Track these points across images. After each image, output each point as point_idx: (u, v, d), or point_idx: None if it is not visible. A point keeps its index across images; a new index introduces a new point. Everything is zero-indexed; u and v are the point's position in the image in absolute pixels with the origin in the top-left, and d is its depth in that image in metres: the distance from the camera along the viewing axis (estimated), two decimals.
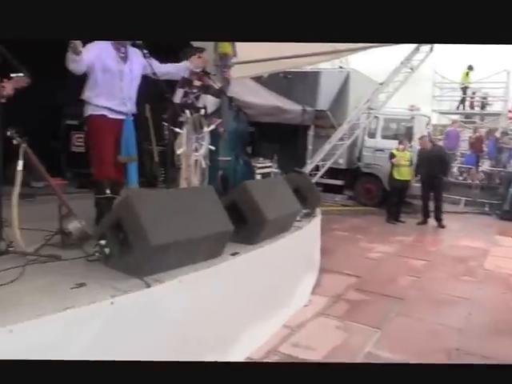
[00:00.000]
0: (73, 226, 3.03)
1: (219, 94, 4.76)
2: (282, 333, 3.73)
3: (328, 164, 9.23)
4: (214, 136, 4.43)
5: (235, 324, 3.19)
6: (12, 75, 2.82)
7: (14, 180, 2.80)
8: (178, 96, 3.78)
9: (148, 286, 2.45)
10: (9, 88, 2.88)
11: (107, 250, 2.67)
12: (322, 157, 9.12)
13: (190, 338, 2.74)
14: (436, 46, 7.18)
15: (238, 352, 3.10)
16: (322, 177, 10.17)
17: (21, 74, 2.81)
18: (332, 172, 10.90)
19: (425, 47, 7.25)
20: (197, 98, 4.01)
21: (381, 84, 8.30)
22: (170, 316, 2.56)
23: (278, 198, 3.74)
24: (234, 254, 3.18)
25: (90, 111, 3.54)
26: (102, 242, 2.69)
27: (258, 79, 10.30)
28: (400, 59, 7.92)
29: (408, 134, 9.96)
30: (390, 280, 5.36)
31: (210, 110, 4.54)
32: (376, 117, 10.55)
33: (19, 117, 2.96)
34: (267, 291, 3.62)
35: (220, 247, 3.04)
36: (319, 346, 3.54)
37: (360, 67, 11.03)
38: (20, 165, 2.84)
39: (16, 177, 2.82)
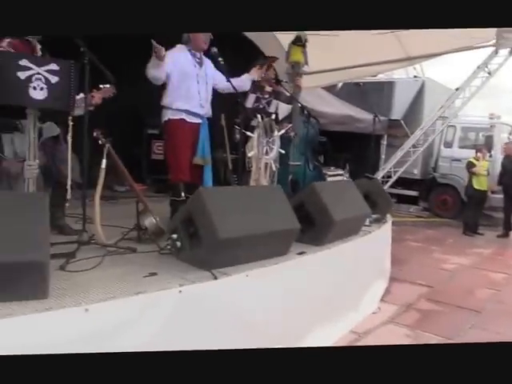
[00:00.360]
0: (148, 221, 3.18)
1: (290, 100, 4.82)
2: (348, 338, 3.66)
3: (400, 171, 8.96)
4: (285, 140, 4.48)
5: (302, 323, 3.17)
6: (100, 86, 3.05)
7: (97, 177, 3.01)
8: (250, 101, 3.86)
9: (215, 278, 2.51)
10: (97, 97, 3.12)
11: (178, 244, 2.77)
12: (394, 163, 8.86)
13: (256, 333, 2.76)
14: None
15: None
16: (395, 187, 9.90)
17: (107, 86, 3.04)
18: (406, 182, 10.59)
19: (503, 51, 6.86)
20: (268, 103, 4.08)
21: (457, 89, 7.95)
22: (235, 309, 2.60)
23: (347, 200, 3.69)
24: (300, 254, 3.17)
25: (169, 115, 3.66)
26: (174, 235, 2.80)
27: (330, 89, 10.28)
28: (477, 64, 7.55)
29: (488, 144, 9.44)
30: (465, 292, 5.09)
31: (281, 117, 4.60)
32: (453, 126, 10.13)
33: (106, 126, 3.17)
34: (334, 294, 3.57)
35: (286, 245, 3.05)
36: None
37: (436, 76, 10.65)
38: (103, 163, 3.04)
39: (99, 174, 3.02)
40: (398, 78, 10.85)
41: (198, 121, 3.71)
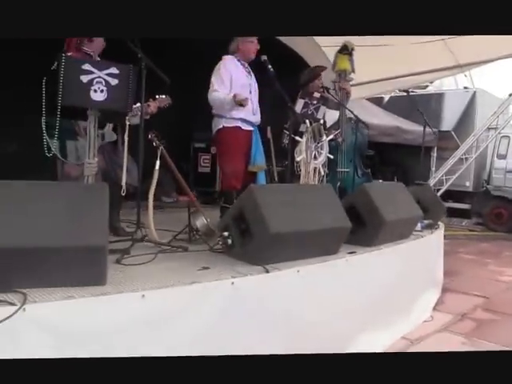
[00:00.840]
0: (200, 222, 3.23)
1: (338, 106, 4.81)
2: (399, 344, 3.53)
3: (453, 178, 8.70)
4: (333, 147, 4.46)
5: (352, 325, 3.10)
6: (157, 96, 3.18)
7: (152, 177, 3.10)
8: (299, 106, 3.87)
9: (267, 271, 2.51)
10: (153, 106, 3.25)
11: (230, 241, 2.79)
12: (445, 172, 8.61)
13: (307, 330, 2.72)
14: None
15: None
16: (446, 200, 9.59)
17: (163, 96, 3.16)
18: (457, 195, 10.26)
19: None
20: (316, 109, 4.07)
21: (510, 95, 7.67)
22: (286, 304, 2.58)
23: (398, 202, 3.61)
24: (351, 253, 3.12)
25: (223, 123, 3.72)
26: (225, 233, 2.82)
27: (376, 102, 10.19)
28: None
29: None
30: None
31: (329, 124, 4.59)
32: (506, 136, 9.76)
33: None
34: (385, 297, 3.47)
35: (337, 244, 3.01)
36: None
37: (488, 87, 10.32)
38: (157, 165, 3.13)
39: (153, 174, 3.10)
40: (448, 90, 10.62)
41: (251, 128, 3.80)
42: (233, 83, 3.63)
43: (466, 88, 10.45)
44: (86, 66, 2.46)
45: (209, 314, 2.22)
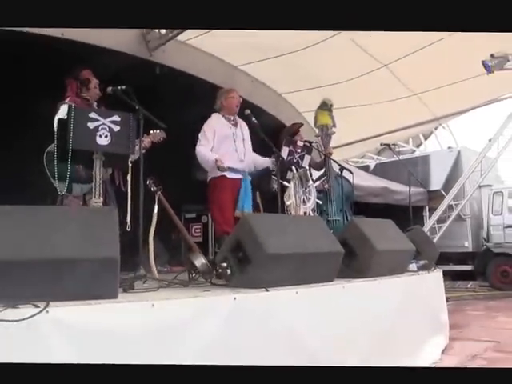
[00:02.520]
0: (199, 262, 3.54)
1: (320, 166, 5.36)
2: None
3: (445, 226, 9.12)
4: (322, 198, 4.92)
5: (352, 354, 3.32)
6: (151, 131, 3.68)
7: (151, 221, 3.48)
8: (284, 154, 4.36)
9: (267, 290, 2.82)
10: (147, 142, 3.73)
11: (228, 271, 3.11)
12: (436, 218, 9.06)
13: (307, 352, 2.96)
14: None
15: None
16: (447, 264, 9.91)
17: (157, 131, 3.66)
18: (458, 257, 10.61)
19: None
20: (301, 157, 4.56)
21: (490, 140, 8.38)
22: (286, 322, 2.85)
23: (388, 235, 3.98)
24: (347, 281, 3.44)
25: (211, 175, 4.28)
26: (224, 264, 3.15)
27: (364, 170, 10.88)
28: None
29: None
30: None
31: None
32: (499, 192, 10.39)
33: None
34: (388, 332, 3.69)
35: (332, 270, 3.34)
36: None
37: (473, 145, 11.12)
38: (155, 209, 3.52)
39: (152, 218, 3.49)
40: (433, 152, 11.40)
41: (239, 176, 4.27)
42: (216, 135, 4.25)
43: (450, 148, 11.24)
44: (92, 115, 2.96)
45: (213, 325, 2.50)
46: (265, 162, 4.46)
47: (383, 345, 3.58)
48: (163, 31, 5.74)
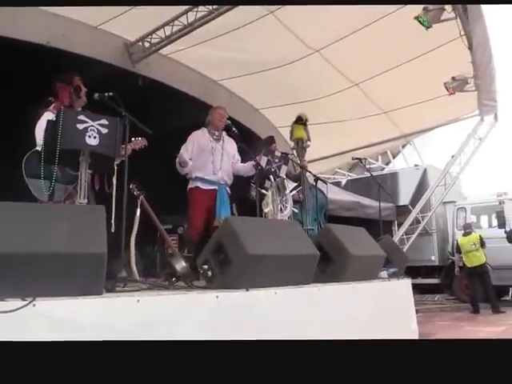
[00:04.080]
0: (179, 265, 3.56)
1: (296, 178, 5.48)
2: None
3: (412, 238, 9.38)
4: (298, 208, 5.01)
5: None
6: (132, 139, 3.70)
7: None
8: (263, 163, 4.45)
9: (247, 289, 2.87)
10: (128, 149, 3.73)
11: (209, 273, 3.15)
12: (404, 230, 9.35)
13: None
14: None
15: None
16: (416, 277, 10.09)
17: (139, 138, 3.69)
18: (425, 271, 10.83)
19: (488, 117, 7.75)
20: (279, 167, 4.66)
21: (452, 157, 8.72)
22: (265, 323, 2.90)
23: (361, 241, 4.09)
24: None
25: (188, 186, 4.46)
26: (205, 266, 3.18)
27: (336, 185, 11.06)
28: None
29: (500, 219, 9.91)
30: None
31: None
32: (462, 208, 10.71)
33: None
34: (361, 335, 3.76)
35: (308, 273, 3.41)
36: None
37: (437, 163, 11.44)
38: (138, 212, 3.56)
39: (134, 221, 3.51)
40: (401, 169, 11.69)
41: (213, 187, 4.39)
42: (195, 147, 4.46)
43: (416, 165, 11.55)
44: (81, 117, 3.00)
45: (196, 322, 2.54)
46: (247, 166, 4.56)
47: None
48: (147, 44, 5.84)
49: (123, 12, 5.18)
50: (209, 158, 4.42)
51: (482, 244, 8.81)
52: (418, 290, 9.63)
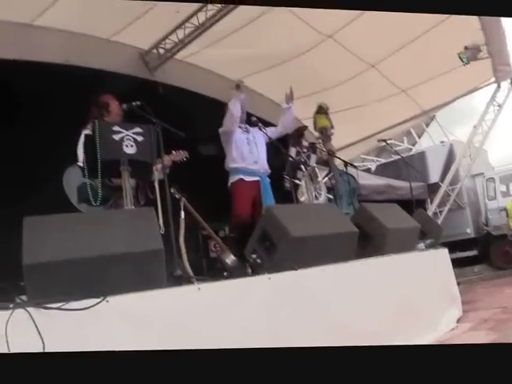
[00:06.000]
0: (229, 259, 3.71)
1: (326, 163, 5.57)
2: None
3: (445, 210, 9.34)
4: (330, 192, 5.13)
5: (380, 327, 3.47)
6: (173, 152, 3.84)
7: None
8: (292, 154, 4.58)
9: (295, 269, 3.00)
10: (167, 160, 3.89)
11: (259, 260, 3.28)
12: (436, 203, 9.34)
13: (338, 328, 3.11)
14: None
15: None
16: (453, 251, 10.08)
17: (180, 151, 3.83)
18: (462, 244, 10.79)
19: (505, 83, 7.70)
20: (308, 157, 4.78)
21: (474, 127, 8.69)
22: (316, 297, 3.03)
23: (395, 215, 4.19)
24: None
25: (230, 181, 4.52)
26: (253, 255, 3.32)
27: (367, 172, 11.15)
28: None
29: None
30: None
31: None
32: (491, 178, 10.67)
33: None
34: (408, 304, 3.86)
35: (350, 250, 3.52)
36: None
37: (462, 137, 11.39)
38: (182, 214, 3.72)
39: (180, 223, 3.68)
40: (427, 147, 11.72)
41: (255, 178, 4.46)
42: (232, 138, 4.51)
43: (442, 142, 11.52)
44: (116, 128, 3.14)
45: (253, 302, 2.69)
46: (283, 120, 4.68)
47: (405, 314, 3.75)
48: (161, 50, 5.89)
49: (134, 20, 5.22)
50: (247, 149, 4.50)
51: None
52: (456, 263, 9.61)
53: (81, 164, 3.42)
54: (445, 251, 5.16)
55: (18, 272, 2.14)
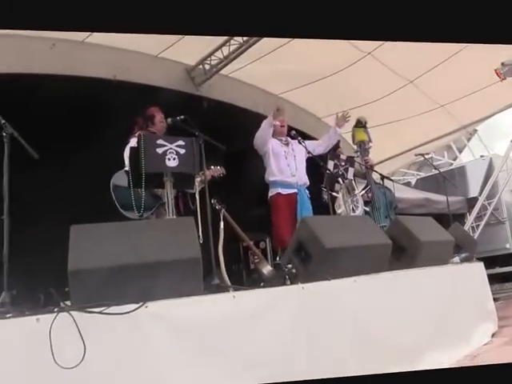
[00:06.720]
0: (266, 269, 3.72)
1: (364, 175, 5.50)
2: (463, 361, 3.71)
3: (482, 223, 8.98)
4: (367, 205, 5.05)
5: (414, 339, 3.37)
6: (212, 167, 3.90)
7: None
8: (330, 167, 4.55)
9: (328, 279, 2.96)
10: (207, 174, 3.95)
11: (294, 270, 3.26)
12: (474, 216, 8.99)
13: (371, 336, 3.05)
14: None
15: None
16: (492, 267, 9.71)
17: (218, 167, 3.89)
18: (502, 259, 10.36)
19: None
20: (346, 170, 4.74)
21: (511, 141, 8.38)
22: (348, 307, 2.98)
23: (430, 229, 4.09)
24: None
25: (269, 194, 4.54)
26: (289, 265, 3.30)
27: (407, 186, 10.96)
28: None
29: None
30: None
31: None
32: None
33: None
34: (442, 316, 3.74)
35: (383, 261, 3.45)
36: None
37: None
38: (221, 225, 3.76)
39: (219, 233, 3.71)
40: (467, 162, 11.39)
41: (293, 191, 4.45)
42: (270, 152, 4.54)
43: (482, 156, 11.17)
44: (160, 141, 3.23)
45: (286, 311, 2.67)
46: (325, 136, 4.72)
47: (438, 327, 3.64)
48: (207, 66, 5.97)
49: (179, 39, 5.30)
50: (284, 162, 4.52)
51: None
52: (496, 279, 9.27)
53: (127, 169, 3.54)
54: (480, 265, 4.98)
55: (65, 278, 2.21)
